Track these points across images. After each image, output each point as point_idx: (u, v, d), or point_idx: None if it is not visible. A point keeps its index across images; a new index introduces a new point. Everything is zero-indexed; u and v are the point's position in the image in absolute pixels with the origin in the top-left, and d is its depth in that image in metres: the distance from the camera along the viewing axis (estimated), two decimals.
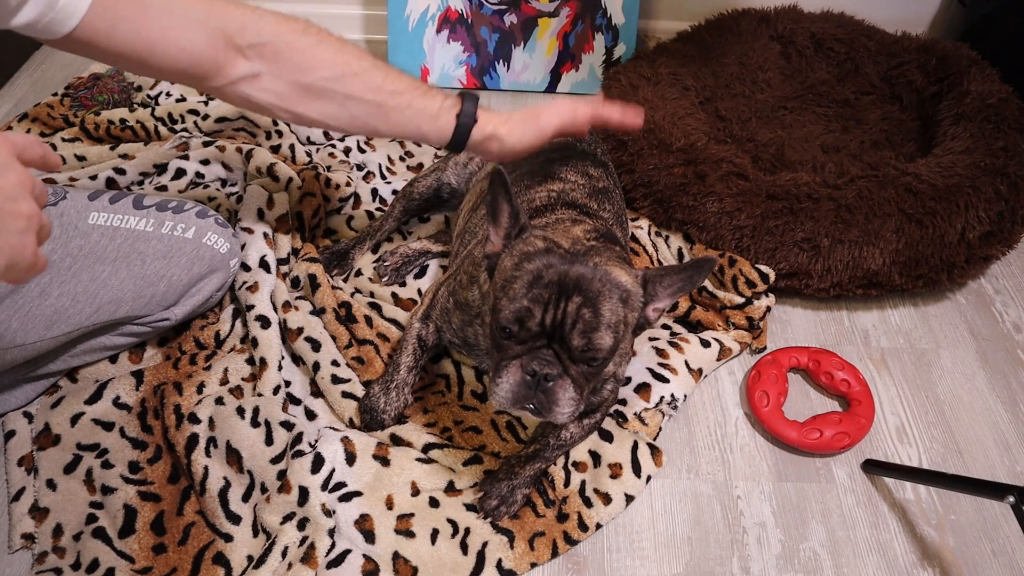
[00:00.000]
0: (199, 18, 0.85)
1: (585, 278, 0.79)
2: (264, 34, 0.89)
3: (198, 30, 0.85)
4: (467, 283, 1.00)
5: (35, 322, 0.98)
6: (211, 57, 0.87)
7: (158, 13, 0.83)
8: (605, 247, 0.87)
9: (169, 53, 0.85)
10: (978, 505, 1.09)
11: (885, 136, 1.62)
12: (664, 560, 1.01)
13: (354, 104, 0.95)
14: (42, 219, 0.60)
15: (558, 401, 0.81)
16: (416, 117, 0.98)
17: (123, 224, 1.05)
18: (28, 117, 1.57)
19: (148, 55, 0.84)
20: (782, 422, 1.14)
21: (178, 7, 0.84)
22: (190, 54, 0.86)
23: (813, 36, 1.78)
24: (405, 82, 0.97)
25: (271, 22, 0.90)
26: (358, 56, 0.95)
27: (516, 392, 0.82)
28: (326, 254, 1.31)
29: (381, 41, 1.93)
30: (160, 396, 1.09)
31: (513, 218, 0.87)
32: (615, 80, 1.62)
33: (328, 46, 0.93)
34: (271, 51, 0.90)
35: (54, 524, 0.98)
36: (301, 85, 0.92)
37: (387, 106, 0.96)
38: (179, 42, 0.84)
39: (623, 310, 0.81)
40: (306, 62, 0.92)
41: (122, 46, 0.82)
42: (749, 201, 1.31)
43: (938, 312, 1.38)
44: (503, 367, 0.82)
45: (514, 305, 0.80)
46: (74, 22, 0.78)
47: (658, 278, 0.85)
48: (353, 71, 0.94)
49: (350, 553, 0.95)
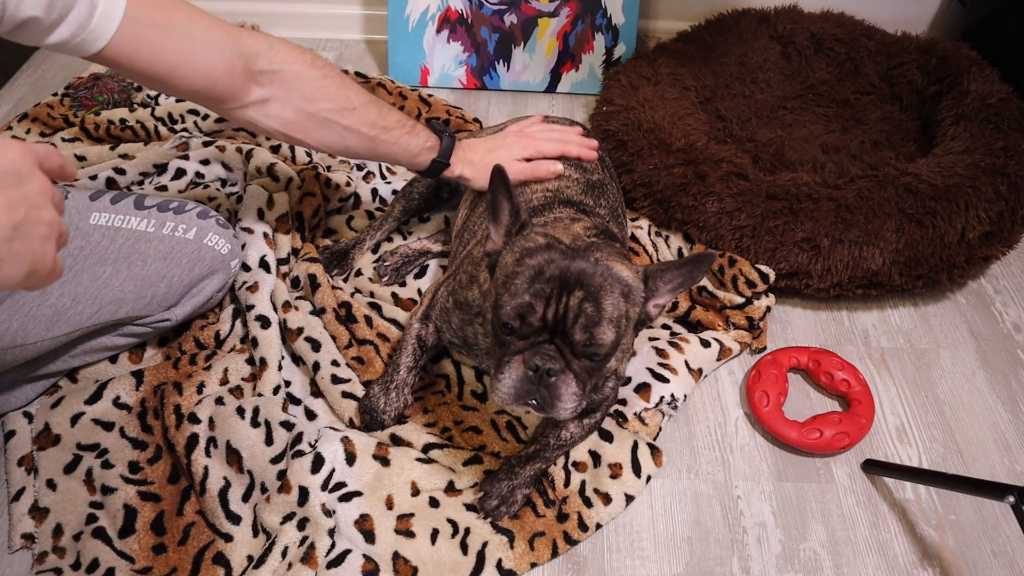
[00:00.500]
0: (219, 43, 0.89)
1: (587, 273, 0.80)
2: (276, 62, 0.94)
3: (217, 55, 0.89)
4: (467, 283, 1.00)
5: (35, 323, 0.98)
6: (227, 81, 0.91)
7: (179, 38, 0.86)
8: (605, 243, 0.87)
9: (188, 76, 0.88)
10: (978, 505, 1.09)
11: (885, 136, 1.62)
12: (664, 560, 1.02)
13: (350, 136, 1.03)
14: (61, 226, 0.61)
15: (561, 396, 0.81)
16: (400, 152, 1.09)
17: (124, 225, 1.06)
18: (28, 117, 1.57)
19: (169, 76, 0.88)
20: (782, 422, 1.14)
21: (199, 32, 0.88)
22: (208, 77, 0.89)
23: (813, 36, 1.78)
24: (395, 118, 1.07)
25: (283, 51, 0.95)
26: (357, 92, 1.02)
27: (518, 388, 0.81)
28: (326, 254, 1.31)
29: (381, 41, 1.93)
30: (160, 396, 1.09)
31: (513, 215, 0.87)
32: (615, 80, 1.62)
33: (333, 80, 0.99)
34: (281, 79, 0.95)
35: (54, 524, 0.98)
36: (306, 113, 0.98)
37: (378, 140, 1.05)
38: (198, 66, 0.88)
39: (625, 304, 0.81)
40: (313, 93, 0.97)
41: (144, 67, 0.85)
42: (749, 201, 1.31)
43: (938, 312, 1.38)
44: (505, 363, 0.82)
45: (516, 300, 0.80)
46: (102, 43, 0.81)
47: (659, 273, 0.85)
48: (353, 105, 1.01)
49: (350, 553, 0.95)
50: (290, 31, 1.94)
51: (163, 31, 0.85)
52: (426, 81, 1.82)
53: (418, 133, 1.09)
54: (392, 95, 1.65)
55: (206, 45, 0.88)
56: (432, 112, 1.62)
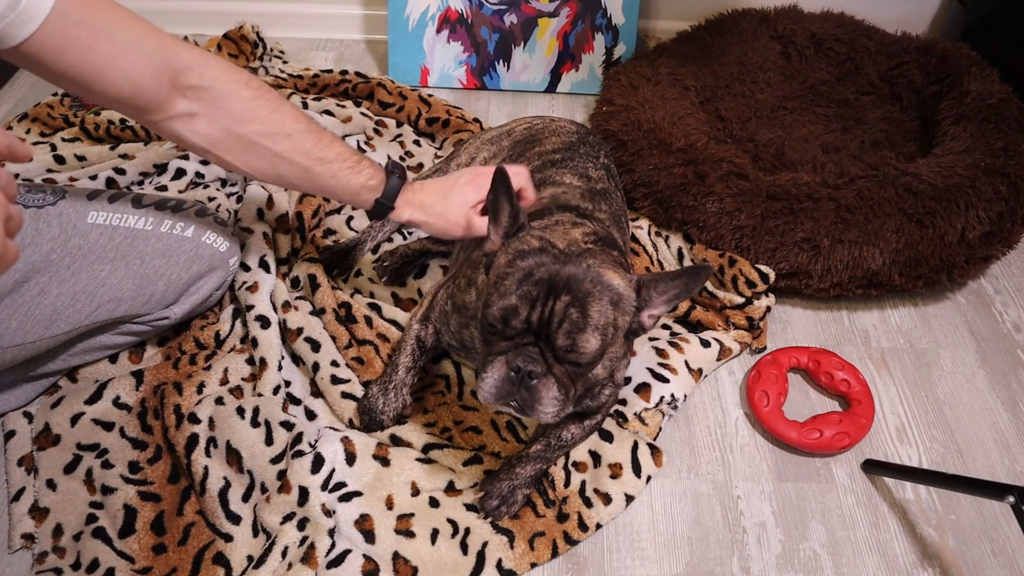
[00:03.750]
0: (148, 51, 0.85)
1: (576, 278, 0.79)
2: (207, 78, 0.90)
3: (146, 63, 0.85)
4: (465, 286, 1.00)
5: (34, 321, 0.98)
6: (153, 91, 0.87)
7: (109, 40, 0.83)
8: (601, 250, 0.87)
9: (114, 80, 0.85)
10: (978, 505, 1.09)
11: (885, 136, 1.62)
12: (664, 560, 1.01)
13: (282, 163, 0.97)
14: (9, 209, 0.59)
15: (541, 399, 0.81)
16: (339, 188, 1.01)
17: (122, 223, 1.05)
18: (28, 117, 1.57)
19: (92, 79, 0.84)
20: (782, 422, 1.14)
21: (129, 37, 0.84)
22: (134, 84, 0.86)
23: (813, 36, 1.78)
24: (335, 151, 0.99)
25: (215, 68, 0.91)
26: (294, 118, 0.96)
27: (499, 388, 0.82)
28: (326, 254, 1.31)
29: (381, 41, 1.93)
30: (160, 396, 1.09)
31: (512, 217, 0.87)
32: (615, 80, 1.62)
33: (267, 103, 0.94)
34: (211, 96, 0.90)
35: (54, 524, 0.98)
36: (234, 135, 0.93)
37: (313, 172, 0.99)
38: (125, 71, 0.85)
39: (613, 313, 0.81)
40: (243, 114, 0.93)
41: (68, 66, 0.82)
42: (749, 201, 1.31)
43: (938, 312, 1.38)
44: (489, 362, 0.82)
45: (503, 301, 0.80)
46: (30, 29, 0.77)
47: (653, 283, 0.84)
48: (286, 131, 0.95)
49: (350, 553, 0.95)
50: (290, 31, 1.95)
51: (93, 30, 0.81)
52: (426, 81, 1.82)
53: (361, 170, 1.01)
54: (392, 95, 1.65)
55: (136, 52, 0.84)
56: (432, 112, 1.62)
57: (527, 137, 1.28)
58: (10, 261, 0.60)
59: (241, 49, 1.76)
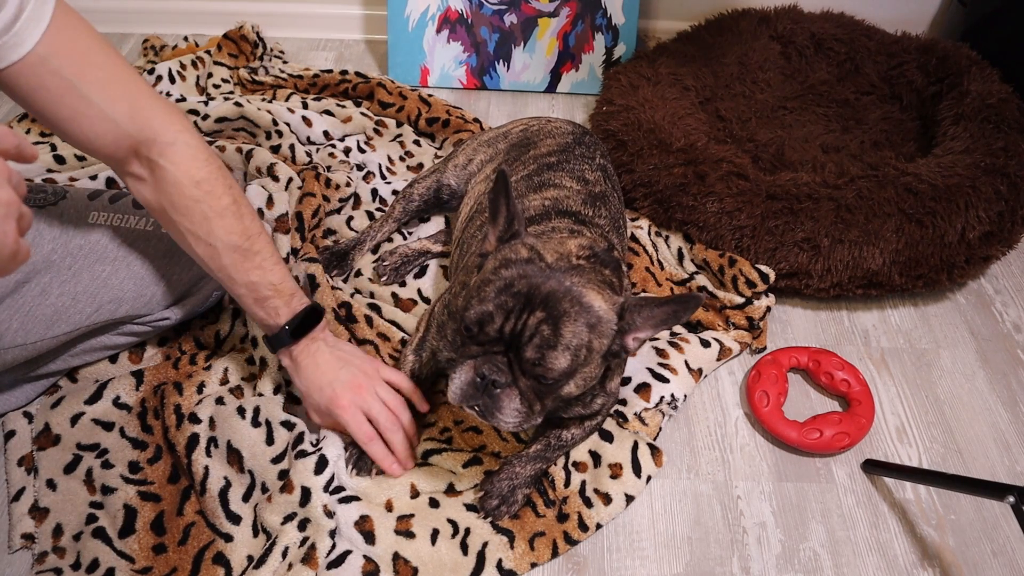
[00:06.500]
0: (116, 118, 0.86)
1: (555, 296, 0.79)
2: (165, 158, 0.89)
3: (109, 128, 0.86)
4: (459, 291, 1.00)
5: (35, 322, 0.98)
6: (111, 151, 0.90)
7: (79, 98, 0.83)
8: (592, 268, 0.86)
9: (75, 134, 0.87)
10: (978, 505, 1.09)
11: (885, 136, 1.62)
12: (664, 560, 1.02)
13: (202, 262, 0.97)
14: (21, 207, 0.60)
15: (501, 409, 0.83)
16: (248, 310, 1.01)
17: (123, 223, 1.06)
18: (28, 117, 1.57)
19: (55, 125, 0.86)
20: (782, 422, 1.14)
21: (101, 100, 0.84)
22: (91, 144, 0.88)
23: (813, 36, 1.78)
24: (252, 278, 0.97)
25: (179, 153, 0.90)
26: (227, 232, 0.94)
27: (464, 391, 0.83)
28: (326, 254, 1.31)
29: (381, 41, 1.93)
30: (160, 396, 1.09)
31: (508, 222, 0.87)
32: (615, 80, 1.62)
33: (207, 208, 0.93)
34: (161, 175, 0.90)
35: (54, 524, 0.98)
36: (168, 217, 0.94)
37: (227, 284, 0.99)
38: (86, 131, 0.86)
39: (588, 335, 0.81)
40: (179, 206, 0.92)
41: (36, 107, 0.83)
42: (749, 201, 1.31)
43: (938, 312, 1.38)
44: (459, 364, 0.84)
45: (480, 307, 0.81)
46: (13, 58, 0.78)
47: (638, 308, 0.83)
48: (210, 241, 0.94)
49: (350, 554, 0.95)
50: (290, 31, 1.95)
51: (66, 85, 0.82)
52: (426, 81, 1.82)
53: (265, 307, 0.99)
54: (392, 95, 1.65)
55: (101, 117, 0.85)
56: (432, 112, 1.62)
57: (522, 140, 1.28)
58: (22, 259, 0.61)
59: (241, 49, 1.76)
